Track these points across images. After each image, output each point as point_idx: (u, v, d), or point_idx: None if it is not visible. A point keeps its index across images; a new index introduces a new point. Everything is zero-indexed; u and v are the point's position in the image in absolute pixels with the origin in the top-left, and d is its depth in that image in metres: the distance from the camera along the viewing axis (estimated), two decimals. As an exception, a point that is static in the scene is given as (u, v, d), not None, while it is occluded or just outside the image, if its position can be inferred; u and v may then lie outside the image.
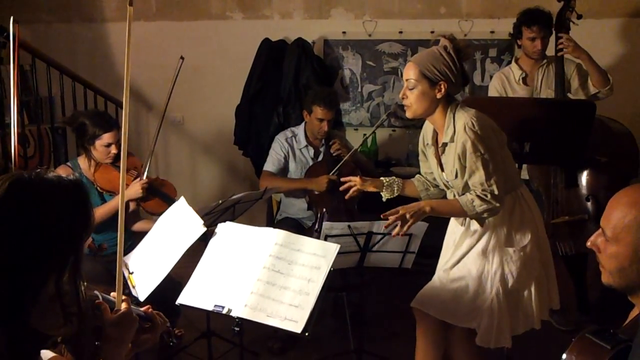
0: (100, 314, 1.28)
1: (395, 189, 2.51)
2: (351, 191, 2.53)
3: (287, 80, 4.30)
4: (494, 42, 4.36)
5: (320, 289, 1.90)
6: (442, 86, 2.20)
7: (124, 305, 1.33)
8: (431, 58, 2.20)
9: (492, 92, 3.58)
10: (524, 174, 3.18)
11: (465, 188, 2.27)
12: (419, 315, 2.48)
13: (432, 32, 4.31)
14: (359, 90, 4.58)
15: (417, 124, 4.47)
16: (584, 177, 3.21)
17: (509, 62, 4.27)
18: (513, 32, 3.50)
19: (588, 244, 1.44)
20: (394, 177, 2.54)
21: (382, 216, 2.26)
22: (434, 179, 2.51)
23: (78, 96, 4.22)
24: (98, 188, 3.02)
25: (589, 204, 3.17)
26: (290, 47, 4.38)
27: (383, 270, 2.92)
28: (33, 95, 4.34)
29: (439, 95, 2.22)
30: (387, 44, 4.40)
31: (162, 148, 4.75)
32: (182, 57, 3.20)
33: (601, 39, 4.15)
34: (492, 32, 4.34)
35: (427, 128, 2.43)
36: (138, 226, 3.14)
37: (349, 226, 2.71)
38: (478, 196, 2.17)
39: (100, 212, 2.90)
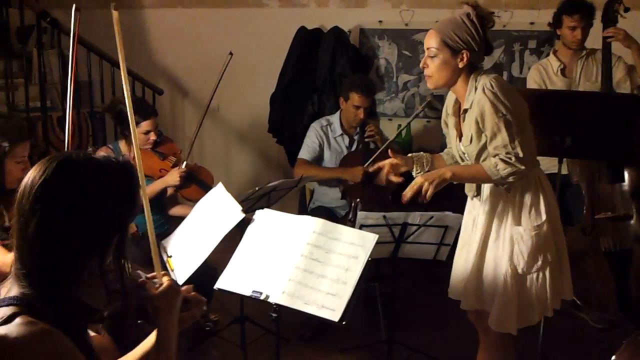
0: (144, 293, 1.32)
1: (425, 162, 2.42)
2: (390, 177, 2.39)
3: (323, 69, 4.29)
4: (534, 33, 4.27)
5: (357, 278, 1.90)
6: (465, 55, 2.11)
7: (165, 279, 1.37)
8: (453, 25, 2.11)
9: (531, 83, 3.52)
10: (563, 169, 3.12)
11: (479, 156, 2.18)
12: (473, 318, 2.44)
13: (471, 22, 4.25)
14: (394, 80, 4.55)
15: (452, 115, 4.45)
16: (629, 173, 3.13)
17: (549, 54, 4.21)
18: (553, 21, 3.43)
19: None
20: (422, 153, 2.47)
21: (403, 199, 2.15)
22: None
23: (117, 81, 4.29)
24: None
25: (634, 200, 3.10)
26: (326, 35, 4.37)
27: (415, 261, 2.92)
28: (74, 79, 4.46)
29: (461, 65, 2.13)
30: (424, 34, 4.29)
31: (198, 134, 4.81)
32: (231, 53, 3.20)
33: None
34: (531, 23, 4.25)
35: (450, 98, 2.36)
36: (175, 210, 3.19)
37: (384, 216, 2.70)
38: (502, 159, 2.06)
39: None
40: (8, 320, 1.09)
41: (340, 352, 3.12)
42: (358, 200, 3.45)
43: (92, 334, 1.37)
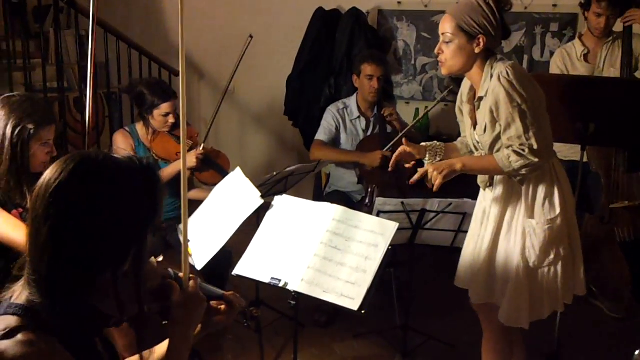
0: (170, 294, 1.22)
1: (438, 152, 2.36)
2: (401, 164, 2.38)
3: (340, 51, 4.25)
4: (556, 15, 4.18)
5: (377, 267, 1.89)
6: (481, 40, 2.04)
7: (191, 284, 1.25)
8: (469, 10, 2.03)
9: (553, 68, 3.46)
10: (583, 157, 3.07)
11: (493, 146, 2.13)
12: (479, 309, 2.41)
13: (491, 4, 4.17)
14: (412, 62, 4.49)
15: (470, 100, 4.38)
16: (649, 161, 3.09)
17: (571, 38, 4.12)
18: (584, 2, 3.34)
19: None
20: (435, 142, 2.41)
21: (410, 182, 2.14)
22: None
23: (133, 62, 4.27)
24: (154, 156, 3.07)
25: (652, 189, 3.06)
26: (344, 17, 4.31)
27: (431, 247, 2.91)
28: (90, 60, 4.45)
29: (477, 50, 2.06)
30: (442, 16, 4.27)
31: (212, 115, 4.79)
32: (251, 36, 3.16)
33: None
34: (554, 5, 4.16)
35: (465, 84, 2.30)
36: (192, 194, 3.19)
37: (402, 203, 2.69)
38: (515, 151, 2.00)
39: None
40: (9, 334, 1.02)
41: (354, 337, 3.13)
42: (375, 185, 3.43)
43: (116, 332, 1.31)
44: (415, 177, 2.12)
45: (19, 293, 1.09)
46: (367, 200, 3.45)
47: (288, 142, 4.89)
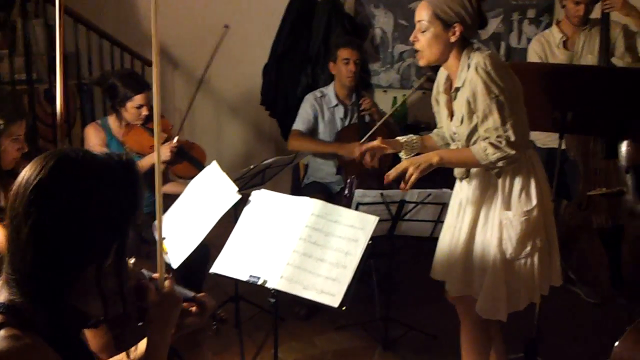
0: (145, 296, 1.22)
1: (415, 147, 2.36)
2: (373, 161, 2.40)
3: (317, 39, 4.19)
4: (533, 2, 4.18)
5: (358, 262, 1.86)
6: (457, 29, 2.02)
7: (166, 284, 1.25)
8: None
9: (532, 55, 3.44)
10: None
11: (470, 137, 2.12)
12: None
13: (468, -9, 4.14)
14: (390, 50, 4.45)
15: (448, 87, 4.37)
16: (624, 148, 3.10)
17: (548, 24, 4.13)
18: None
19: None
20: (411, 135, 2.39)
21: (385, 179, 2.12)
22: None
23: (105, 53, 4.16)
24: (127, 149, 2.99)
25: (628, 176, 3.07)
26: (320, 4, 4.25)
27: (411, 238, 2.89)
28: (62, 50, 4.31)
29: (452, 39, 2.04)
30: (420, 2, 4.23)
31: (186, 106, 4.70)
32: (226, 26, 3.09)
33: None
34: (531, -8, 4.16)
35: (441, 74, 2.28)
36: (167, 188, 3.12)
37: (381, 194, 2.67)
38: (491, 143, 1.99)
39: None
40: None
41: (335, 330, 3.11)
42: (354, 176, 3.39)
43: (90, 333, 1.30)
44: (393, 173, 2.10)
45: None
46: (346, 191, 3.41)
47: (265, 132, 4.82)
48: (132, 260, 1.27)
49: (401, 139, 2.38)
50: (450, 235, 2.30)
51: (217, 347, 2.89)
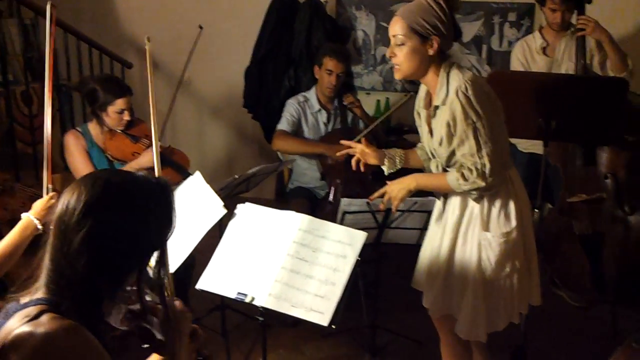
0: (151, 317, 1.30)
1: (398, 161, 2.34)
2: (353, 162, 2.41)
3: (299, 41, 4.15)
4: (513, 5, 4.18)
5: (347, 279, 1.84)
6: (435, 41, 1.98)
7: (177, 303, 1.36)
8: (420, 10, 1.97)
9: (514, 60, 3.46)
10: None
11: (450, 159, 2.10)
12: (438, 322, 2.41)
13: (450, -7, 4.14)
14: (372, 52, 4.43)
15: (431, 89, 4.37)
16: (602, 155, 3.12)
17: (529, 27, 4.15)
18: (539, 2, 3.34)
19: None
20: (396, 149, 2.37)
21: (367, 200, 2.25)
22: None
23: (83, 55, 4.08)
24: (109, 156, 2.94)
25: (607, 182, 3.09)
26: (302, 6, 4.21)
27: (397, 245, 2.89)
28: (35, 51, 4.20)
29: (431, 52, 2.00)
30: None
31: (167, 110, 4.64)
32: (200, 27, 3.06)
33: (627, 8, 3.97)
34: (512, -5, 4.17)
35: (422, 89, 2.24)
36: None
37: (367, 203, 2.65)
38: (462, 174, 2.00)
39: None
40: (35, 317, 1.12)
41: (323, 337, 3.09)
42: (338, 181, 3.38)
43: None
44: (375, 195, 2.21)
45: (30, 297, 1.18)
46: (330, 197, 3.40)
47: (248, 135, 4.78)
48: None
49: (385, 151, 2.36)
50: (431, 248, 2.29)
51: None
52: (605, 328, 3.13)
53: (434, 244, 2.28)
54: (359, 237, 1.92)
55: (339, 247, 1.91)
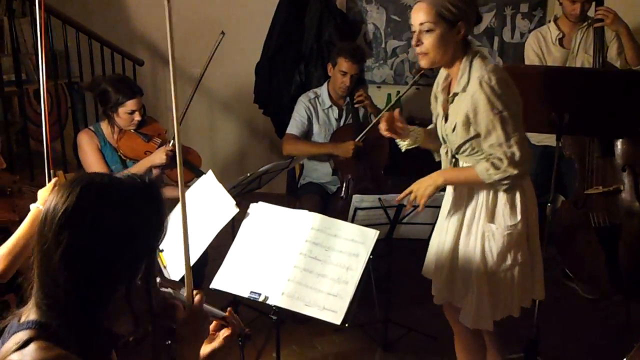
0: (173, 314, 1.25)
1: (417, 138, 2.32)
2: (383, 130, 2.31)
3: (309, 37, 4.13)
4: (526, -4, 4.14)
5: (359, 277, 1.85)
6: (462, 27, 1.98)
7: (196, 299, 1.27)
8: None
9: (528, 51, 3.42)
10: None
11: (460, 147, 2.11)
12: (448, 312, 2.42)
13: (461, -15, 4.11)
14: (383, 46, 4.41)
15: (442, 82, 4.34)
16: (620, 147, 3.10)
17: (541, 18, 4.11)
18: None
19: None
20: (416, 127, 2.36)
21: (395, 201, 2.26)
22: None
23: (95, 52, 4.10)
24: (122, 155, 2.97)
25: (624, 174, 3.07)
26: (312, 1, 4.18)
27: (409, 239, 2.89)
28: (48, 49, 4.23)
29: (458, 38, 2.00)
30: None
31: (180, 104, 4.64)
32: (222, 32, 3.07)
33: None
34: (524, -15, 4.13)
35: (441, 73, 2.25)
36: (165, 192, 3.09)
37: (379, 199, 2.66)
38: (493, 164, 1.99)
39: (123, 179, 2.88)
40: (23, 345, 1.06)
41: (335, 332, 3.11)
42: (350, 177, 3.39)
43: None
44: (401, 195, 2.20)
45: (27, 315, 1.13)
46: (342, 193, 3.41)
47: (259, 131, 4.79)
48: (157, 279, 1.29)
49: (410, 127, 2.34)
50: (439, 238, 2.31)
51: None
52: (618, 321, 3.12)
53: (441, 234, 2.29)
54: (371, 236, 1.92)
55: (351, 245, 1.91)
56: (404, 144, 2.35)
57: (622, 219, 3.08)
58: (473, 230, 2.17)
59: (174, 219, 2.43)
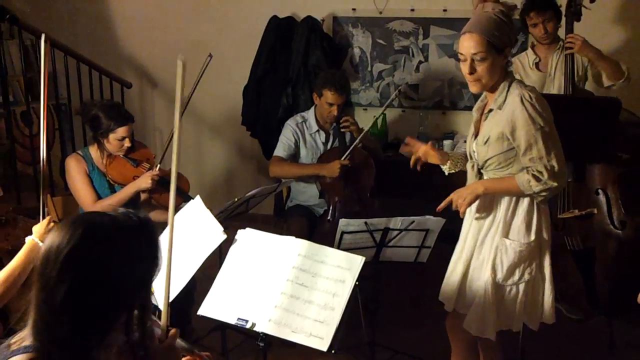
0: (151, 345, 1.31)
1: (459, 163, 2.45)
2: (412, 159, 2.48)
3: (296, 60, 4.20)
4: (509, 21, 4.23)
5: (345, 303, 1.88)
6: (508, 52, 2.14)
7: (171, 333, 1.35)
8: (495, 25, 2.08)
9: (509, 76, 3.51)
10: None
11: (487, 161, 2.21)
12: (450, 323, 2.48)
13: (445, 10, 4.19)
14: (369, 69, 4.48)
15: (428, 105, 4.41)
16: (594, 171, 3.15)
17: (523, 43, 4.19)
18: (521, 24, 3.43)
19: None
20: (457, 152, 2.49)
21: (437, 209, 2.30)
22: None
23: (83, 74, 4.12)
24: (110, 180, 2.98)
25: (598, 197, 3.13)
26: (299, 25, 4.26)
27: (395, 262, 2.92)
28: (35, 72, 4.24)
29: (503, 62, 2.14)
30: (399, 22, 4.27)
31: (167, 126, 4.67)
32: (210, 55, 3.11)
33: (621, 17, 4.01)
34: (506, 10, 4.22)
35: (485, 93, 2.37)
36: (152, 216, 3.11)
37: (365, 223, 2.68)
38: (534, 176, 2.09)
39: (109, 202, 2.89)
40: None
41: (321, 355, 3.10)
42: (337, 200, 3.42)
43: None
44: (442, 205, 2.27)
45: (22, 340, 1.18)
46: (329, 215, 3.44)
47: (247, 152, 4.82)
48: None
49: (449, 152, 2.48)
50: (457, 258, 2.41)
51: (204, 377, 2.88)
52: (602, 340, 3.16)
53: (460, 253, 2.39)
54: (357, 262, 1.95)
55: (337, 271, 1.94)
56: (445, 168, 2.48)
57: (597, 242, 3.14)
58: (487, 242, 2.27)
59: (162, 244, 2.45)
